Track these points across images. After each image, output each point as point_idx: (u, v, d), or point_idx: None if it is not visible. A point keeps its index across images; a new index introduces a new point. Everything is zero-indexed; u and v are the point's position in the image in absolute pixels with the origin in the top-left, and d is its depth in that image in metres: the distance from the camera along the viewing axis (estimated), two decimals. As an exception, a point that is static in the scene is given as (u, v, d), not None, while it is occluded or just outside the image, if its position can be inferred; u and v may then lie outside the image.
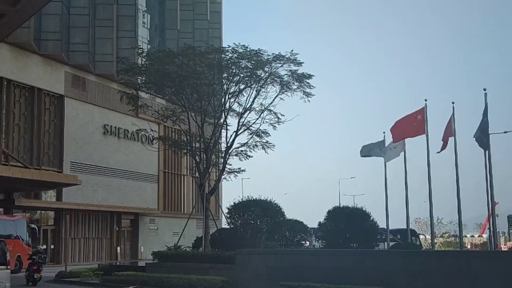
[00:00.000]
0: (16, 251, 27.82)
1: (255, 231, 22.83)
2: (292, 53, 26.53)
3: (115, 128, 43.41)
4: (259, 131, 28.29)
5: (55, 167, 37.89)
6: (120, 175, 43.62)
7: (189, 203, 50.80)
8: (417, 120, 20.85)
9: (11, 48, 34.73)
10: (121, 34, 43.63)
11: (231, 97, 27.79)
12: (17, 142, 35.76)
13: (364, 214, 20.90)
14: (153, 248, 32.80)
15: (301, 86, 27.34)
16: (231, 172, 30.13)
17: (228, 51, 27.04)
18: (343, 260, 15.57)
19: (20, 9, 18.62)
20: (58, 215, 38.15)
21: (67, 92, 39.33)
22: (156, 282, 18.92)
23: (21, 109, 36.28)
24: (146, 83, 29.74)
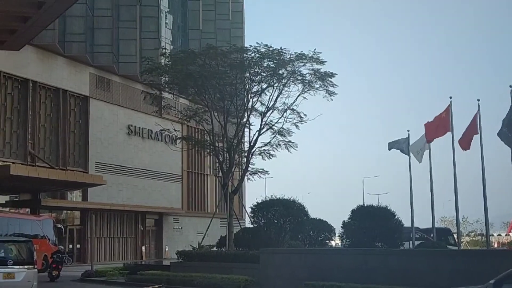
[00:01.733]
0: (43, 250, 28.15)
1: (279, 231, 22.78)
2: (314, 51, 26.43)
3: (139, 128, 43.77)
4: (282, 130, 28.25)
5: (81, 167, 38.36)
6: (144, 175, 43.97)
7: (212, 203, 50.98)
8: (441, 118, 20.63)
9: (37, 50, 35.25)
10: (144, 35, 44.00)
11: (253, 96, 27.79)
12: (43, 143, 36.27)
13: (388, 213, 20.69)
14: (177, 247, 33.00)
15: (324, 85, 27.20)
16: (255, 172, 30.16)
17: (250, 50, 27.05)
18: (367, 260, 15.46)
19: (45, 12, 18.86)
20: (84, 215, 38.60)
21: (92, 93, 39.78)
22: (181, 281, 19.01)
23: (47, 111, 36.80)
24: (169, 83, 29.90)
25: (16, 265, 14.81)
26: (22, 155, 34.34)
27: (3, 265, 14.59)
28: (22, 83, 34.94)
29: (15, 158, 33.71)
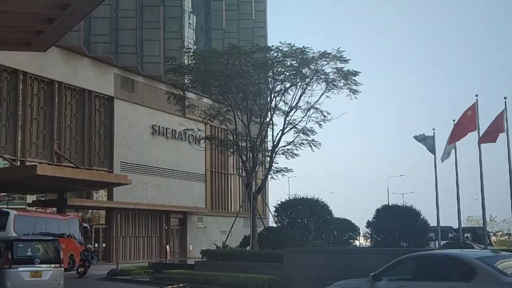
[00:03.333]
0: (69, 249, 28.47)
1: (303, 230, 22.73)
2: (338, 50, 26.31)
3: (163, 128, 44.04)
4: (305, 129, 28.17)
5: (106, 167, 38.74)
6: (168, 175, 44.23)
7: (236, 202, 51.07)
8: (467, 117, 20.31)
9: (62, 52, 35.69)
10: (168, 35, 44.26)
11: (276, 95, 27.77)
12: (69, 143, 36.71)
13: (414, 212, 20.50)
14: (201, 247, 33.15)
15: (347, 84, 27.07)
16: (278, 171, 30.12)
17: (273, 50, 27.02)
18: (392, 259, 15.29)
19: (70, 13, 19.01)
20: (109, 214, 38.96)
21: (116, 94, 40.14)
22: (205, 280, 19.07)
23: (73, 111, 37.24)
24: (193, 82, 30.02)
25: (43, 264, 15.03)
26: (49, 155, 34.81)
27: (30, 264, 14.81)
28: (48, 84, 35.41)
29: (42, 158, 34.18)
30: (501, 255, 9.03)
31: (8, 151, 32.41)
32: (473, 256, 8.60)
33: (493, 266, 8.12)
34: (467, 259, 8.46)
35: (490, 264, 8.20)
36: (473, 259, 8.37)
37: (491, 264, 8.18)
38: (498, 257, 8.73)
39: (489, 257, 8.70)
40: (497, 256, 8.92)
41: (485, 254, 9.09)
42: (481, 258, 8.44)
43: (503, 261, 8.49)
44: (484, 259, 8.39)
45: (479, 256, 8.57)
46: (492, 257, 8.76)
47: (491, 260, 8.39)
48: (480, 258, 8.43)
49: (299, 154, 29.22)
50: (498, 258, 8.69)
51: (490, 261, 8.32)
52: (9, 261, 14.42)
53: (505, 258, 8.78)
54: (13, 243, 15.00)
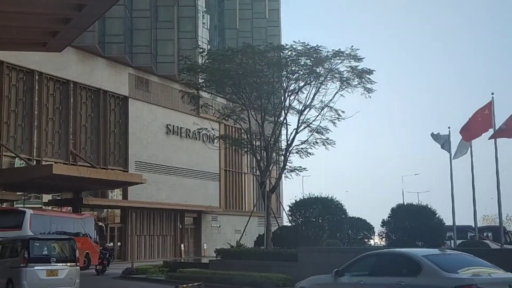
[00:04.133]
0: (85, 248, 28.68)
1: (317, 229, 22.65)
2: (352, 48, 26.18)
3: (177, 127, 44.20)
4: (320, 128, 28.10)
5: (121, 166, 38.97)
6: (183, 174, 44.38)
7: (250, 201, 51.11)
8: (484, 115, 20.10)
9: (77, 52, 35.95)
10: (182, 35, 44.40)
11: (290, 94, 27.71)
12: (84, 143, 36.98)
13: (429, 211, 20.35)
14: (215, 246, 33.17)
15: (362, 82, 26.93)
16: (292, 170, 30.08)
17: (287, 48, 26.98)
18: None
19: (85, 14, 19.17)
20: (124, 213, 39.19)
21: (131, 93, 40.36)
22: (220, 279, 19.10)
23: (88, 111, 37.51)
24: (207, 82, 30.06)
25: (59, 263, 15.16)
26: (64, 155, 35.09)
27: (46, 262, 14.95)
28: (63, 84, 35.69)
29: (57, 158, 34.46)
30: (446, 253, 9.91)
31: (24, 151, 32.72)
32: (419, 254, 9.51)
33: (436, 263, 8.98)
34: (414, 256, 9.40)
35: (433, 261, 9.07)
36: (419, 256, 9.31)
37: (435, 261, 9.05)
38: (443, 255, 9.63)
39: (433, 254, 9.52)
40: (442, 254, 9.76)
41: (431, 252, 9.85)
42: (426, 255, 9.34)
43: (447, 259, 9.42)
44: (429, 256, 9.29)
45: (424, 254, 9.45)
46: (437, 255, 9.58)
47: (435, 258, 9.27)
48: (425, 255, 9.33)
49: (313, 153, 29.16)
50: (442, 255, 9.59)
51: (434, 258, 9.20)
52: (25, 260, 14.58)
53: (449, 255, 9.77)
54: (29, 242, 15.16)
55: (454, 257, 9.84)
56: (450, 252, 10.22)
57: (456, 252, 10.51)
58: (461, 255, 10.12)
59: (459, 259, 9.64)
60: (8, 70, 32.39)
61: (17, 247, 15.45)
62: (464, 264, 9.23)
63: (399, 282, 9.07)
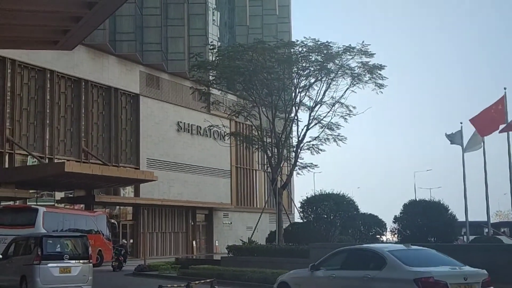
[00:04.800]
0: (97, 245, 28.81)
1: (329, 226, 22.65)
2: (363, 44, 26.07)
3: (188, 125, 44.25)
4: (331, 124, 28.01)
5: (132, 164, 39.10)
6: (194, 171, 44.45)
7: (261, 198, 51.10)
8: (498, 110, 19.95)
9: (88, 50, 36.07)
10: (192, 32, 44.40)
11: (301, 91, 27.65)
12: (96, 141, 37.13)
13: (441, 207, 20.28)
14: (227, 242, 33.25)
15: (373, 78, 26.82)
16: (304, 167, 30.02)
17: (298, 45, 26.90)
18: (420, 255, 15.15)
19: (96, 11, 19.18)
20: (136, 210, 39.32)
21: (142, 91, 40.46)
22: (232, 276, 19.12)
23: (99, 109, 37.65)
24: (217, 79, 30.05)
25: (72, 260, 15.22)
26: (76, 153, 35.26)
27: (59, 259, 15.02)
28: (75, 82, 35.85)
29: (69, 156, 34.64)
30: (410, 248, 10.56)
31: (36, 149, 32.92)
32: (385, 249, 10.31)
33: (399, 258, 9.76)
34: (379, 251, 10.22)
35: (397, 256, 9.85)
36: (384, 251, 10.11)
37: (398, 256, 9.83)
38: (406, 251, 10.35)
39: (398, 250, 10.28)
40: (406, 249, 10.48)
41: (396, 248, 10.63)
42: (391, 251, 10.12)
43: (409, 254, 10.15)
44: (393, 252, 10.07)
45: (389, 250, 10.24)
46: (401, 250, 10.33)
47: (399, 253, 10.03)
48: (390, 251, 10.12)
49: (324, 150, 29.09)
50: (406, 251, 10.31)
51: (398, 254, 9.97)
52: (39, 257, 14.66)
53: (412, 251, 10.44)
54: (42, 239, 15.23)
55: (417, 252, 10.48)
56: (415, 248, 10.80)
57: (421, 248, 11.13)
58: (425, 250, 10.81)
59: (422, 254, 10.37)
60: (20, 69, 32.58)
61: (30, 245, 15.53)
62: (426, 259, 10.03)
63: (366, 275, 9.84)
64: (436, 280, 9.06)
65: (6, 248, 17.02)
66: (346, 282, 10.31)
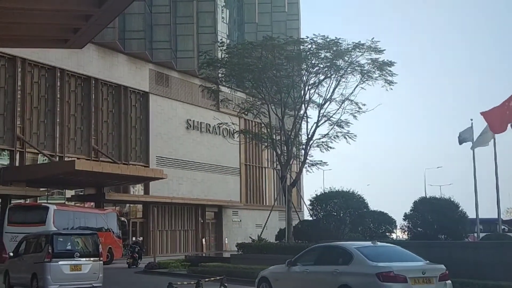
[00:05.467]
0: (108, 243, 28.93)
1: (338, 223, 22.60)
2: (372, 40, 26.02)
3: (197, 122, 44.31)
4: (340, 121, 27.95)
5: (142, 162, 39.21)
6: (203, 169, 44.51)
7: (270, 195, 51.07)
8: (510, 107, 19.76)
9: (98, 48, 36.19)
10: (201, 30, 44.41)
11: (310, 88, 27.61)
12: (106, 139, 37.26)
13: (452, 204, 20.15)
14: (237, 240, 33.30)
15: (383, 74, 26.74)
16: (313, 164, 29.98)
17: (307, 42, 26.85)
18: (431, 252, 15.08)
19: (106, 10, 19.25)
20: (146, 208, 39.44)
21: (152, 89, 40.55)
22: (241, 273, 19.12)
23: (109, 107, 37.77)
24: (226, 76, 30.06)
25: (82, 258, 15.28)
26: (86, 151, 35.40)
27: (70, 257, 15.09)
28: (85, 80, 35.97)
29: (80, 154, 34.78)
30: (376, 245, 11.35)
31: (47, 147, 33.09)
32: (352, 246, 11.14)
33: (365, 254, 10.57)
34: (347, 248, 11.08)
35: (363, 252, 10.66)
36: (352, 248, 10.94)
37: (364, 252, 10.64)
38: (372, 247, 11.18)
39: (364, 247, 11.10)
40: (372, 246, 11.30)
41: (362, 245, 11.40)
42: (358, 248, 10.94)
43: (374, 250, 10.95)
44: (359, 248, 10.88)
45: (356, 246, 11.06)
46: (367, 247, 11.15)
47: (365, 249, 10.85)
48: (357, 248, 10.94)
49: (334, 147, 29.03)
50: (372, 248, 11.13)
51: (364, 250, 10.78)
52: (49, 255, 14.73)
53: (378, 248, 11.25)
54: (53, 237, 15.31)
55: (382, 249, 11.37)
56: (381, 244, 11.67)
57: (386, 245, 12.09)
58: (390, 247, 11.72)
59: (386, 251, 11.28)
60: (30, 68, 32.74)
61: (41, 242, 15.61)
62: (390, 255, 10.95)
63: (335, 269, 10.73)
64: (396, 274, 9.82)
65: (17, 246, 17.15)
66: (318, 276, 11.18)
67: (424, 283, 10.04)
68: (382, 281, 9.80)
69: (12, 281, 16.59)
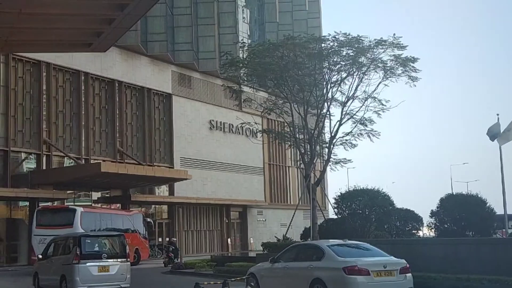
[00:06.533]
0: (134, 244, 29.14)
1: (364, 221, 22.44)
2: (394, 37, 25.70)
3: (220, 123, 44.45)
4: (363, 119, 27.72)
5: (166, 163, 39.47)
6: (227, 169, 44.64)
7: (295, 194, 51.02)
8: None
9: (121, 51, 36.54)
10: (222, 30, 44.55)
11: (333, 86, 27.43)
12: (131, 141, 37.60)
13: (479, 201, 19.91)
14: (262, 239, 33.25)
15: (406, 71, 26.41)
16: (337, 162, 29.81)
17: (329, 39, 26.69)
18: (458, 249, 14.98)
19: (128, 13, 19.48)
20: (171, 209, 39.70)
21: (174, 91, 40.80)
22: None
23: (133, 109, 38.11)
24: (248, 76, 30.04)
25: (110, 259, 15.42)
26: (112, 153, 35.77)
27: (98, 259, 15.24)
28: (108, 83, 36.35)
29: (105, 156, 35.16)
30: (347, 243, 12.99)
31: (73, 150, 33.51)
32: (325, 244, 12.67)
33: (335, 251, 12.02)
34: (320, 246, 12.58)
35: (333, 249, 12.11)
36: (324, 246, 12.44)
37: (334, 250, 12.10)
38: (343, 245, 12.70)
39: (335, 245, 12.54)
40: (343, 244, 12.87)
41: (334, 243, 12.84)
42: (329, 245, 12.40)
43: (344, 248, 12.48)
44: (331, 246, 12.33)
45: (328, 244, 12.51)
46: (338, 245, 12.61)
47: (336, 247, 12.29)
48: (329, 245, 12.40)
49: (357, 145, 28.80)
50: (342, 246, 12.64)
51: (334, 248, 12.22)
52: (77, 257, 14.90)
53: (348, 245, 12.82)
54: (81, 239, 15.48)
55: (351, 246, 12.83)
56: (351, 242, 13.22)
57: (356, 243, 13.36)
58: (359, 244, 13.06)
59: (355, 248, 12.68)
60: (55, 72, 33.19)
61: (69, 244, 15.79)
62: (358, 251, 12.34)
63: (310, 265, 12.23)
64: (360, 268, 11.19)
65: (45, 248, 17.37)
66: (295, 271, 12.63)
67: (385, 276, 11.34)
68: (348, 274, 11.16)
69: (41, 283, 16.83)
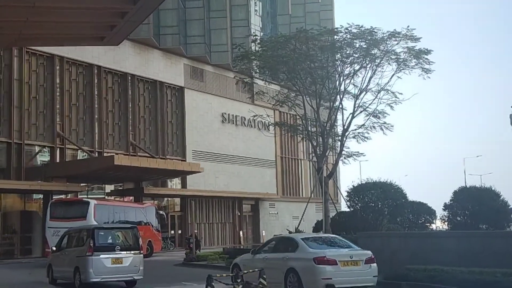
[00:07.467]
0: (147, 236, 29.29)
1: (376, 214, 22.39)
2: (408, 28, 25.52)
3: (232, 116, 44.46)
4: (376, 112, 27.57)
5: (179, 156, 39.59)
6: (239, 162, 44.67)
7: (307, 187, 50.96)
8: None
9: (133, 45, 36.64)
10: (235, 23, 44.46)
11: (346, 78, 27.29)
12: (143, 134, 37.75)
13: (493, 193, 19.81)
14: (274, 232, 33.34)
15: (419, 63, 26.21)
16: (349, 155, 29.70)
17: (341, 32, 26.54)
18: (471, 242, 14.86)
19: (141, 6, 19.49)
20: (184, 201, 39.84)
21: (187, 84, 40.85)
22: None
23: (145, 102, 38.24)
24: (261, 69, 29.97)
25: (123, 251, 15.51)
26: (125, 146, 35.95)
27: (111, 251, 15.33)
28: (121, 77, 36.48)
29: (118, 149, 35.33)
30: (320, 236, 14.78)
31: (86, 143, 33.72)
32: (299, 237, 14.12)
33: (307, 243, 13.28)
34: (295, 239, 13.89)
35: (306, 242, 13.35)
36: (298, 239, 13.68)
37: (307, 242, 13.33)
38: (315, 238, 14.19)
39: (308, 237, 13.86)
40: (315, 236, 14.64)
41: (307, 236, 14.33)
42: (303, 238, 13.66)
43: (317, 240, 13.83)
44: (304, 239, 13.57)
45: (302, 237, 13.79)
46: (311, 237, 13.99)
47: (308, 240, 13.55)
48: (302, 238, 13.67)
49: (370, 138, 28.67)
50: (315, 238, 14.08)
51: (307, 240, 13.46)
52: (91, 249, 15.01)
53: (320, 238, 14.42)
54: (94, 231, 15.58)
55: (323, 239, 14.33)
56: (323, 235, 14.94)
57: (328, 235, 15.10)
58: (331, 237, 14.67)
59: (326, 241, 14.10)
60: (68, 65, 33.35)
61: (83, 237, 15.91)
62: (329, 243, 13.74)
63: (285, 256, 13.42)
64: (328, 258, 12.47)
65: (59, 241, 17.51)
66: (273, 261, 13.76)
67: (351, 265, 12.65)
68: (317, 264, 12.41)
69: (55, 274, 16.99)
